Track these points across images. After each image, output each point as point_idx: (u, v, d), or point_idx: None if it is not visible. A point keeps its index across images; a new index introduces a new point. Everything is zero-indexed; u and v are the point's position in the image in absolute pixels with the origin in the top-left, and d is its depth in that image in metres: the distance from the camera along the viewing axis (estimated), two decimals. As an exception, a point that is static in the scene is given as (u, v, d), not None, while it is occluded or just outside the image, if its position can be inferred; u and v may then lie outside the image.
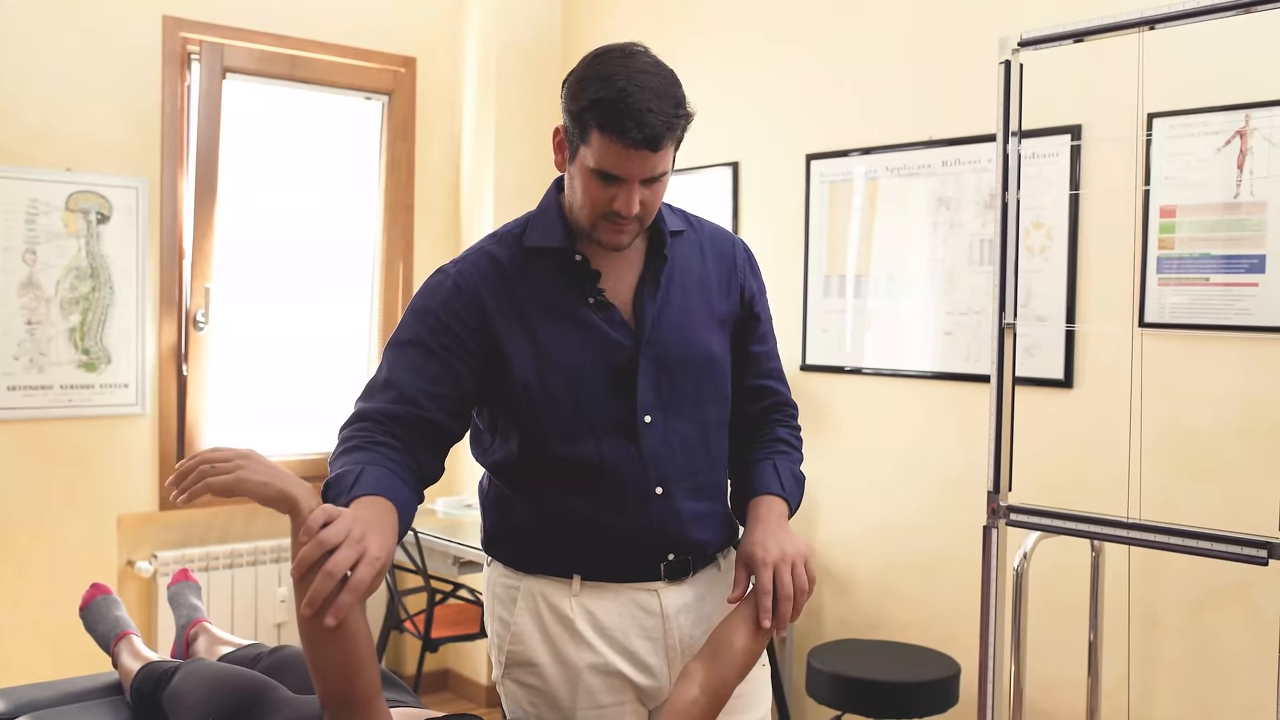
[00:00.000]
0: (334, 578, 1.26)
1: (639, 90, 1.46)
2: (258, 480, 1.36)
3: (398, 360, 1.58)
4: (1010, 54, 2.25)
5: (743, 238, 3.53)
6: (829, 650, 2.99)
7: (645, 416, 1.61)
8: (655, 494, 1.61)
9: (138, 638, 2.43)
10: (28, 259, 3.39)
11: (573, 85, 1.53)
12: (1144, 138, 2.60)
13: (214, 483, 1.34)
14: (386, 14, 4.09)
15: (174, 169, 3.64)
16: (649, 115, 1.45)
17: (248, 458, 1.39)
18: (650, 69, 1.50)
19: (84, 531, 3.52)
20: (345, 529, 1.30)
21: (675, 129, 1.50)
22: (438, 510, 3.92)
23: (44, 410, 3.43)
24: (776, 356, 1.81)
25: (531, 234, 1.64)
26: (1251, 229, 2.46)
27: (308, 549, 1.27)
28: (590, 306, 1.60)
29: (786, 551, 1.55)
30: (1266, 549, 1.92)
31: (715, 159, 3.67)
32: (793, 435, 1.78)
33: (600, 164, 1.49)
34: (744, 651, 1.53)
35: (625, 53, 1.52)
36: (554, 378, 1.58)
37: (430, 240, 4.22)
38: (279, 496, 1.37)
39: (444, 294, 1.60)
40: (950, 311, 3.07)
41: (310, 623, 1.30)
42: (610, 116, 1.46)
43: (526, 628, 1.64)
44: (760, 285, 1.78)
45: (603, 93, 1.46)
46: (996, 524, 2.30)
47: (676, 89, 1.52)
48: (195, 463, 1.38)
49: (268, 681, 1.95)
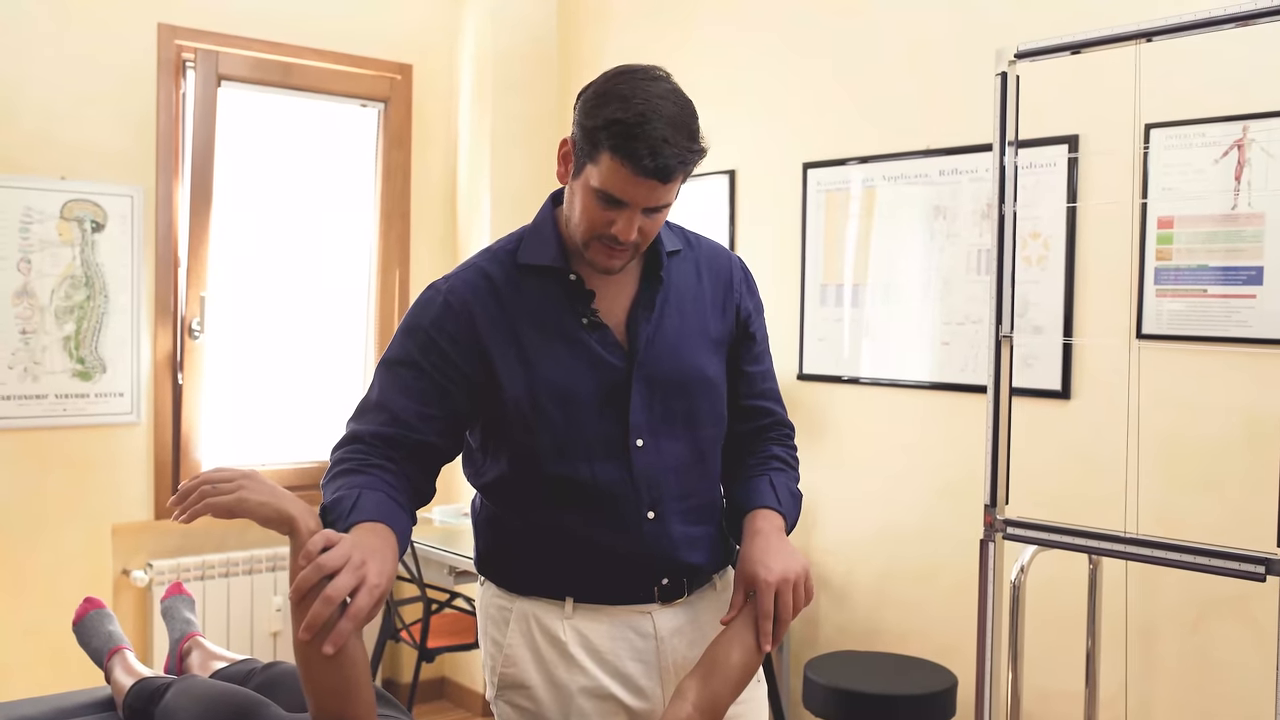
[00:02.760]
0: (333, 603, 1.26)
1: (657, 117, 1.43)
2: (257, 500, 1.36)
3: (389, 381, 1.57)
4: (1007, 65, 2.25)
5: (740, 246, 3.55)
6: (825, 662, 2.98)
7: (637, 440, 1.58)
8: (647, 518, 1.59)
9: (131, 653, 2.42)
10: (22, 268, 3.37)
11: (589, 100, 1.49)
12: (1141, 149, 2.59)
13: (214, 503, 1.34)
14: (382, 21, 4.08)
15: (169, 177, 3.63)
16: (664, 146, 1.43)
17: (249, 478, 1.39)
18: (670, 96, 1.47)
19: (79, 541, 3.50)
20: (345, 555, 1.30)
21: (688, 163, 1.47)
22: (434, 519, 3.91)
23: (39, 419, 3.41)
24: (772, 376, 1.79)
25: (526, 250, 1.61)
26: (1249, 240, 2.45)
27: (307, 573, 1.27)
28: (584, 327, 1.58)
29: (788, 571, 1.53)
30: (1264, 565, 1.91)
31: (712, 167, 3.66)
32: (789, 454, 1.76)
33: (605, 185, 1.46)
34: (739, 668, 1.51)
35: (648, 76, 1.49)
36: (546, 399, 1.56)
37: (426, 248, 4.21)
38: (278, 517, 1.36)
39: (435, 311, 1.57)
40: (947, 321, 3.06)
41: (307, 646, 1.29)
42: (624, 140, 1.43)
43: (519, 650, 1.62)
44: (757, 304, 1.76)
45: (620, 114, 1.43)
46: (993, 537, 2.29)
47: (694, 121, 1.49)
48: (197, 483, 1.37)
49: (260, 699, 1.94)
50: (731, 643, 1.52)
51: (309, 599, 1.26)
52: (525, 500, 1.62)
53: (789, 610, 1.51)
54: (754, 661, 1.54)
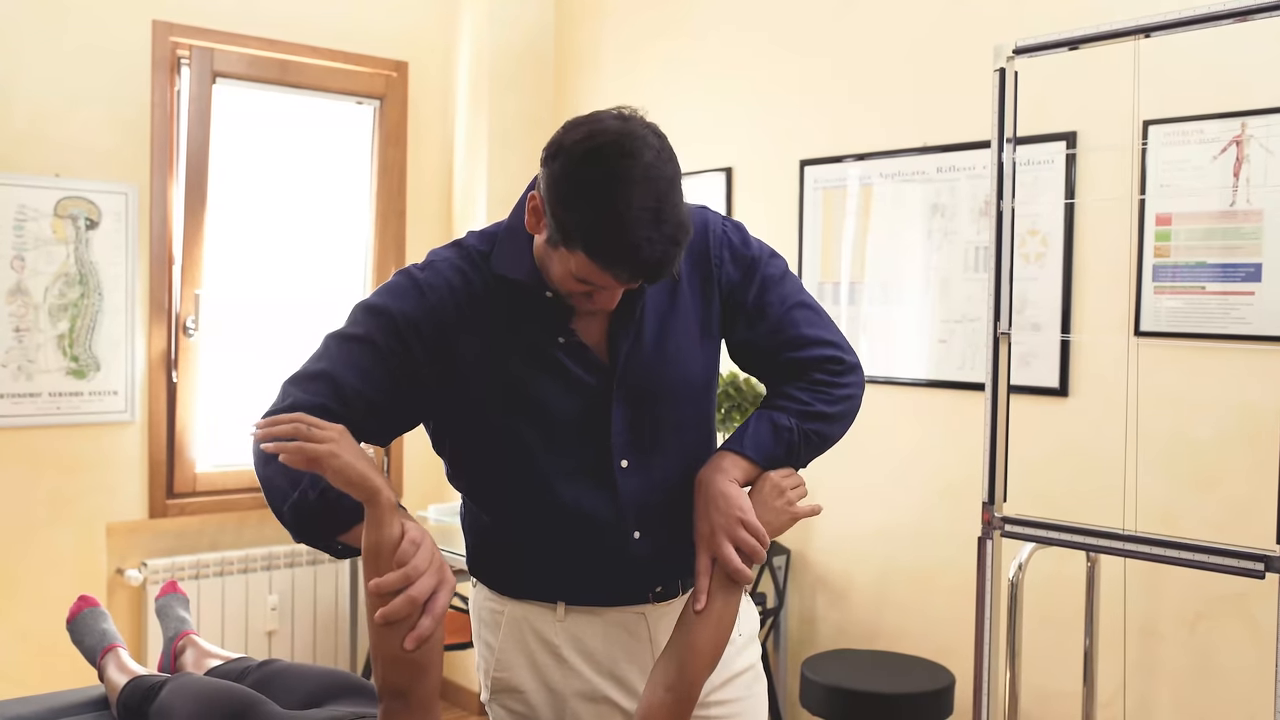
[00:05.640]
0: (418, 605, 1.28)
1: (633, 216, 1.29)
2: (347, 459, 1.30)
3: (340, 354, 1.46)
4: (1005, 61, 2.24)
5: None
6: (823, 661, 2.97)
7: (622, 461, 1.51)
8: (633, 538, 1.54)
9: (125, 651, 2.40)
10: (16, 265, 3.36)
11: (558, 184, 1.33)
12: (1139, 145, 2.59)
13: (307, 448, 1.30)
14: (378, 18, 4.06)
15: (164, 175, 3.62)
16: (645, 246, 1.29)
17: (344, 435, 1.34)
18: (648, 177, 1.31)
19: (73, 540, 3.49)
20: (428, 557, 1.30)
21: (673, 257, 1.33)
22: (429, 518, 3.90)
23: (32, 418, 3.40)
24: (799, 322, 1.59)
25: (499, 259, 1.48)
26: (1248, 237, 2.45)
27: (394, 578, 1.28)
28: (560, 347, 1.48)
29: (715, 525, 1.45)
30: (1264, 562, 1.90)
31: (708, 164, 3.66)
32: (807, 389, 1.57)
33: (583, 276, 1.36)
34: (710, 643, 1.46)
35: (622, 151, 1.31)
36: (520, 404, 1.48)
37: (422, 246, 4.19)
38: (362, 483, 1.30)
39: (409, 300, 1.47)
40: (945, 319, 3.05)
41: (385, 629, 1.30)
42: (599, 250, 1.31)
43: (511, 654, 1.59)
44: (746, 266, 1.60)
45: (591, 219, 1.30)
46: (991, 535, 2.28)
47: (676, 199, 1.33)
48: (293, 419, 1.33)
49: (255, 696, 1.93)
50: (700, 620, 1.46)
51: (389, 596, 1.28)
52: (507, 516, 1.57)
53: (733, 560, 1.44)
54: (723, 634, 1.48)
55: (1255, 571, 1.91)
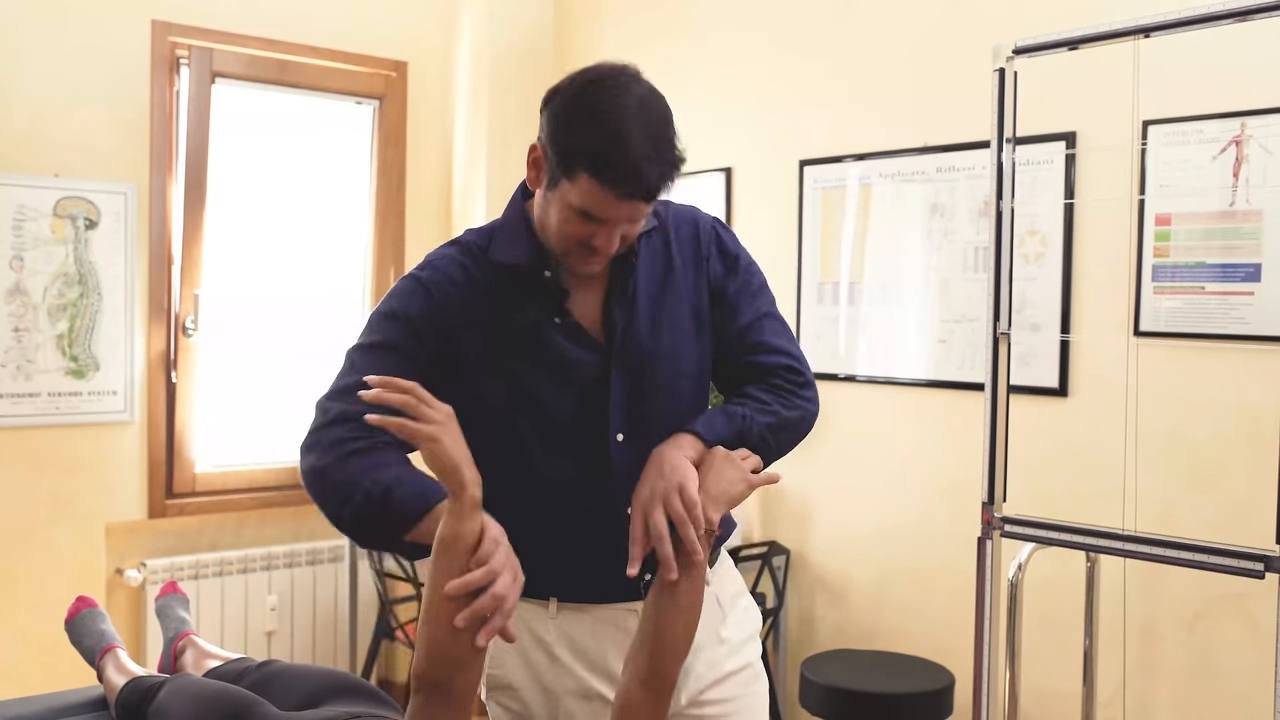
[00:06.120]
0: (502, 603, 1.30)
1: (634, 135, 1.37)
2: (449, 443, 1.31)
3: (365, 363, 1.50)
4: (1005, 61, 2.24)
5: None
6: (822, 661, 2.97)
7: (618, 434, 1.55)
8: (628, 515, 1.54)
9: (123, 652, 2.40)
10: (15, 265, 3.36)
11: (560, 116, 1.42)
12: (1139, 145, 2.59)
13: (413, 426, 1.31)
14: (377, 18, 4.06)
15: (163, 175, 3.61)
16: (645, 165, 1.37)
17: (451, 420, 1.35)
18: (644, 104, 1.41)
19: (72, 540, 3.49)
20: (506, 556, 1.32)
21: (671, 179, 1.41)
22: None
23: (32, 418, 3.39)
24: (764, 329, 1.65)
25: (497, 248, 1.56)
26: (1247, 237, 2.45)
27: (478, 575, 1.29)
28: (557, 327, 1.54)
29: (654, 489, 1.46)
30: (1263, 562, 1.90)
31: (708, 164, 3.65)
32: (766, 391, 1.62)
33: (585, 205, 1.41)
34: (668, 626, 1.45)
35: (618, 83, 1.41)
36: (519, 400, 1.53)
37: (422, 246, 4.18)
38: (455, 472, 1.31)
39: (417, 301, 1.53)
40: (945, 319, 3.05)
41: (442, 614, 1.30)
42: (603, 166, 1.37)
43: (505, 652, 1.61)
44: (731, 263, 1.66)
45: (595, 137, 1.38)
46: (991, 535, 2.28)
47: (670, 128, 1.43)
48: (409, 389, 1.33)
49: (254, 698, 1.93)
50: (663, 605, 1.46)
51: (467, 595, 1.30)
52: (502, 500, 1.56)
53: (659, 527, 1.43)
54: (691, 618, 1.48)
55: (1255, 571, 1.91)
